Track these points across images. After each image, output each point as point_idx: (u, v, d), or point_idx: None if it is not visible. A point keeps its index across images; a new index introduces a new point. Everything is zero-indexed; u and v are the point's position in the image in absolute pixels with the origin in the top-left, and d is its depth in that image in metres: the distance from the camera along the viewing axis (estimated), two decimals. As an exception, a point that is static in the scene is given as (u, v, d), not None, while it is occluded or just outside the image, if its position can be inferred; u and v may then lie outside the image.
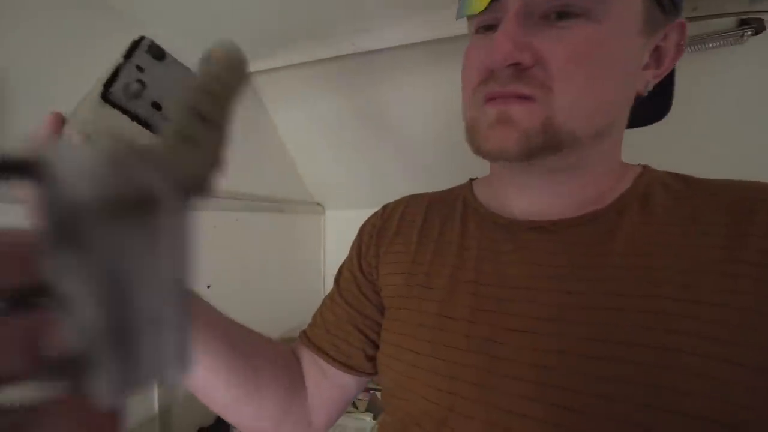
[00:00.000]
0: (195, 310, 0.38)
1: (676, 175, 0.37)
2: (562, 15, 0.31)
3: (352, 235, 0.53)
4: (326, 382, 0.46)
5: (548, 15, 0.31)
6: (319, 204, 1.43)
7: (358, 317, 0.45)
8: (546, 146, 0.32)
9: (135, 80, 0.27)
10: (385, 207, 0.51)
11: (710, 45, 0.65)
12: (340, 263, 0.53)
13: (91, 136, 0.28)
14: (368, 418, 0.89)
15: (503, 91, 0.32)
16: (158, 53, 0.28)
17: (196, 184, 0.13)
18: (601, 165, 0.37)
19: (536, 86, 0.31)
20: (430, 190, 0.52)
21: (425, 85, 0.88)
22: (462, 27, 0.41)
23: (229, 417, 0.42)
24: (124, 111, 0.27)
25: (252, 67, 0.91)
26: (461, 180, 0.51)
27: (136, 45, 0.28)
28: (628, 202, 0.35)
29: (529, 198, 0.39)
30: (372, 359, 0.45)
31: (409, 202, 0.50)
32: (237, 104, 0.16)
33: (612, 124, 0.35)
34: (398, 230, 0.46)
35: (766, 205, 0.31)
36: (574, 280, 0.33)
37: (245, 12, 0.72)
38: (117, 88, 0.27)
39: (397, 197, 0.53)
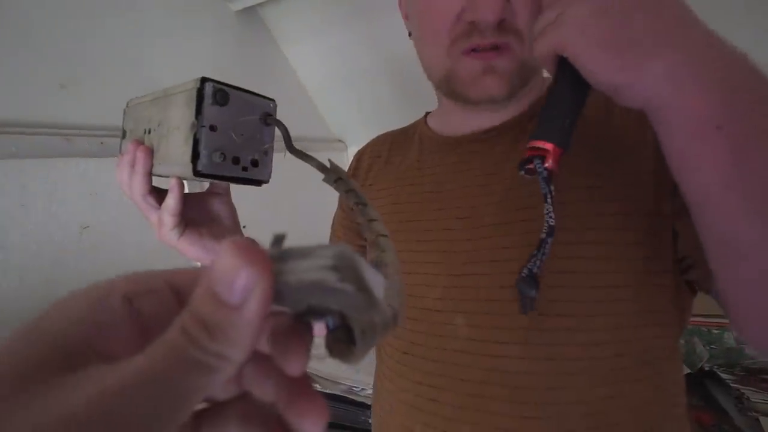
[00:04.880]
0: None
1: None
2: None
3: (375, 170, 0.56)
4: None
5: None
6: (340, 141, 1.43)
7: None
8: (522, 83, 0.40)
9: (214, 150, 0.29)
10: (356, 153, 0.60)
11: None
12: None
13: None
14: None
15: (486, 43, 0.37)
16: (222, 98, 0.30)
17: None
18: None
19: (511, 33, 0.37)
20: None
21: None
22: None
23: None
24: (214, 177, 0.31)
25: None
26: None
27: (201, 97, 0.29)
28: (538, 105, 0.42)
29: (477, 119, 0.46)
30: None
31: (376, 142, 0.59)
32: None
33: None
34: (369, 168, 0.56)
35: None
36: (497, 179, 0.41)
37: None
38: (202, 164, 0.29)
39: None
